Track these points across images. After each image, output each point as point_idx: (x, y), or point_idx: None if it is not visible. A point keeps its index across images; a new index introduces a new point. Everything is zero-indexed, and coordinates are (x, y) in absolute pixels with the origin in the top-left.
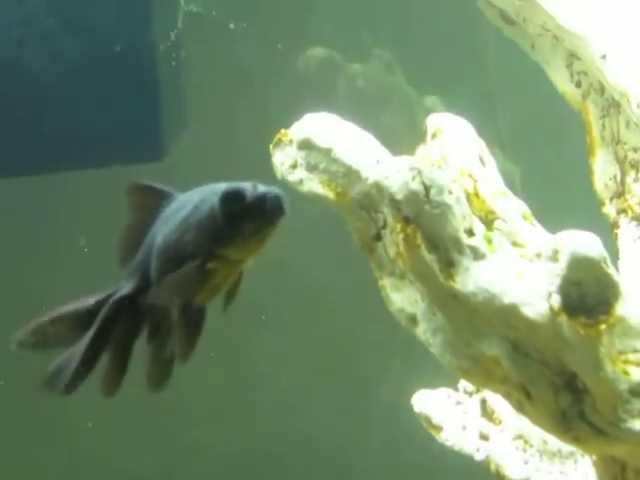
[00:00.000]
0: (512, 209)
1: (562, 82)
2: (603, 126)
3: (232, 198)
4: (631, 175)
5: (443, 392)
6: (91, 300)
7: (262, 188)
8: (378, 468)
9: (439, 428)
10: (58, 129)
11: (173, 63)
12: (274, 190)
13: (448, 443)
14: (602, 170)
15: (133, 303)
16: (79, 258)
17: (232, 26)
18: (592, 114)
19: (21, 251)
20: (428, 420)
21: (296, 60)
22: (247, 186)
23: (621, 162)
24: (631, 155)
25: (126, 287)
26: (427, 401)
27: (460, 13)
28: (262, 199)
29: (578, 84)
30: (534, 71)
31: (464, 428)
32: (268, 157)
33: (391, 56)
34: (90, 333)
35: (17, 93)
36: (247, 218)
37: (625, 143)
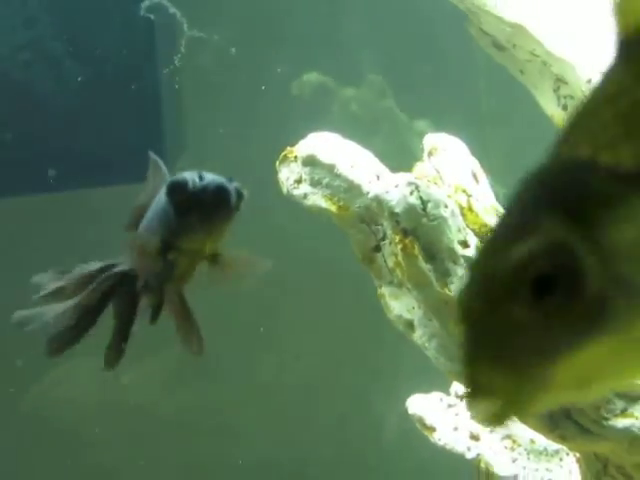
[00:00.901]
0: None
1: (550, 106)
2: None
3: (175, 189)
4: None
5: (436, 396)
6: (96, 266)
7: (207, 178)
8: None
9: (432, 429)
10: (63, 150)
11: (176, 86)
12: (217, 180)
13: (441, 443)
14: None
15: (130, 280)
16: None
17: (233, 50)
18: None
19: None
20: (422, 421)
21: (291, 85)
22: (192, 176)
23: None
24: None
25: (125, 264)
26: (421, 404)
27: (451, 41)
28: (203, 190)
29: (565, 107)
30: (523, 96)
31: (456, 429)
32: (264, 174)
33: (383, 82)
34: (79, 298)
35: (23, 114)
36: (191, 208)
37: None
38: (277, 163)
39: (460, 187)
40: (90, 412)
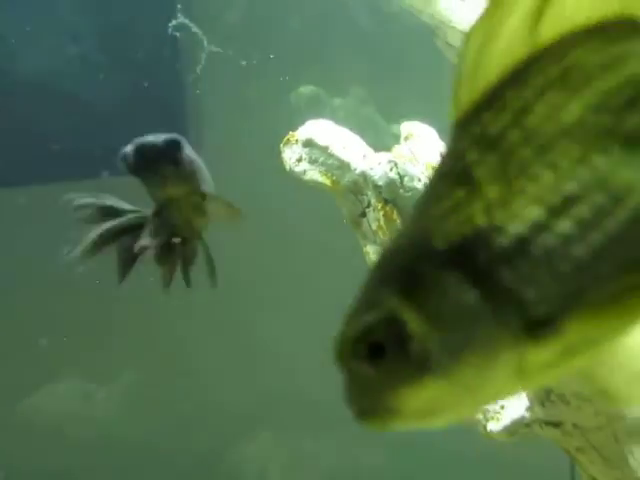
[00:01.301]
0: None
1: None
2: None
3: (136, 148)
4: None
5: None
6: (126, 206)
7: (157, 137)
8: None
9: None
10: (104, 147)
11: (197, 91)
12: (161, 137)
13: None
14: None
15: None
16: None
17: (244, 63)
18: None
19: None
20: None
21: (289, 95)
22: (146, 137)
23: None
24: None
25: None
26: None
27: (426, 53)
28: (149, 145)
29: None
30: None
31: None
32: (268, 166)
33: (365, 92)
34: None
35: (73, 119)
36: (140, 164)
37: None
38: (281, 145)
39: (430, 165)
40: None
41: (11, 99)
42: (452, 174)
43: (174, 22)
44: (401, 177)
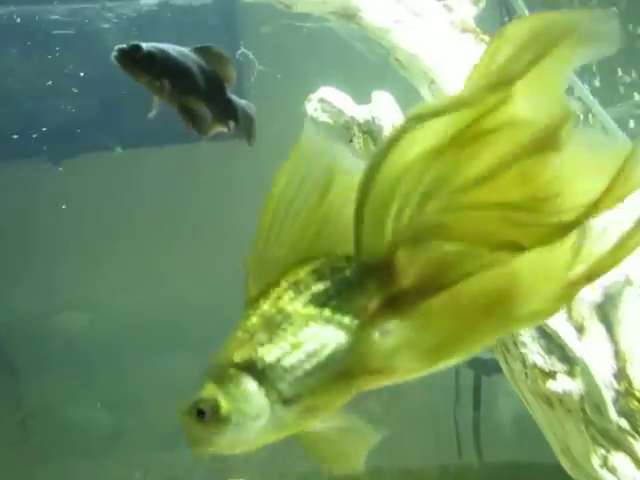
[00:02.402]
0: None
1: (426, 94)
2: None
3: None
4: None
5: None
6: None
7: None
8: None
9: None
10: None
11: (252, 92)
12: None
13: None
14: None
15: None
16: None
17: (279, 76)
18: None
19: None
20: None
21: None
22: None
23: None
24: None
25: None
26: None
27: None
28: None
29: (433, 94)
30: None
31: None
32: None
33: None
34: None
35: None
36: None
37: None
38: (305, 101)
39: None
40: None
41: None
42: (240, 327)
43: (240, 51)
44: (373, 118)
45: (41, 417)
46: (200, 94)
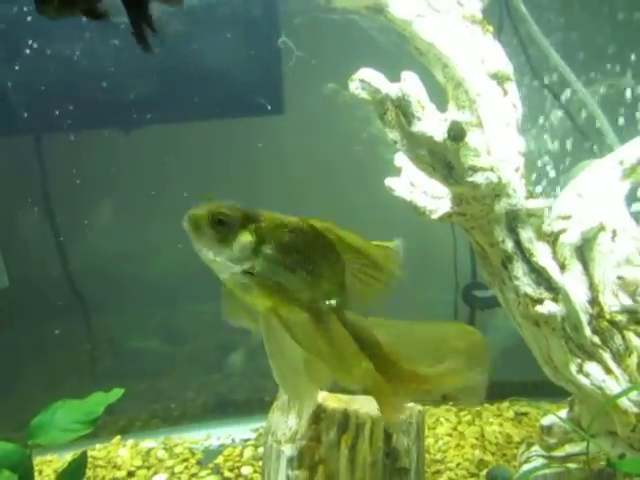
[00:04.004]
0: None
1: (440, 77)
2: (454, 93)
3: None
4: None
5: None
6: None
7: None
8: None
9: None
10: (218, 94)
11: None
12: None
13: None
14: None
15: None
16: None
17: (313, 62)
18: (449, 88)
19: None
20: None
21: (324, 88)
22: None
23: (460, 107)
24: (462, 102)
25: None
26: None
27: (400, 54)
28: None
29: (446, 77)
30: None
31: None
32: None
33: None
34: None
35: (196, 73)
36: None
37: (457, 98)
38: (349, 82)
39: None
40: None
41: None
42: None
43: (281, 39)
44: (404, 95)
45: (106, 346)
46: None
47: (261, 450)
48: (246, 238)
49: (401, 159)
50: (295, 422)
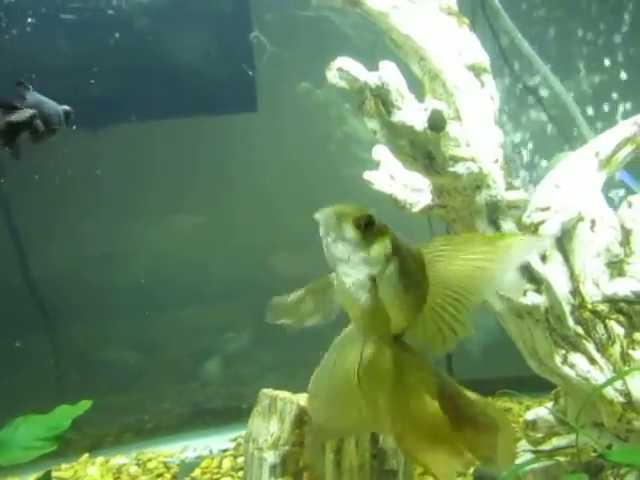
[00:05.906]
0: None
1: (417, 70)
2: (431, 85)
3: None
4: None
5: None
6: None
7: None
8: None
9: None
10: (188, 92)
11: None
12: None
13: None
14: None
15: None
16: None
17: (286, 57)
18: (426, 81)
19: None
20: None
21: (297, 87)
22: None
23: (437, 100)
24: (439, 95)
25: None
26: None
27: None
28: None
29: (422, 69)
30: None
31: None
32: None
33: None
34: None
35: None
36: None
37: (435, 91)
38: (326, 70)
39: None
40: None
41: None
42: None
43: (253, 34)
44: (382, 83)
45: (73, 358)
46: None
47: (241, 460)
48: (386, 244)
49: (379, 152)
50: (277, 427)
